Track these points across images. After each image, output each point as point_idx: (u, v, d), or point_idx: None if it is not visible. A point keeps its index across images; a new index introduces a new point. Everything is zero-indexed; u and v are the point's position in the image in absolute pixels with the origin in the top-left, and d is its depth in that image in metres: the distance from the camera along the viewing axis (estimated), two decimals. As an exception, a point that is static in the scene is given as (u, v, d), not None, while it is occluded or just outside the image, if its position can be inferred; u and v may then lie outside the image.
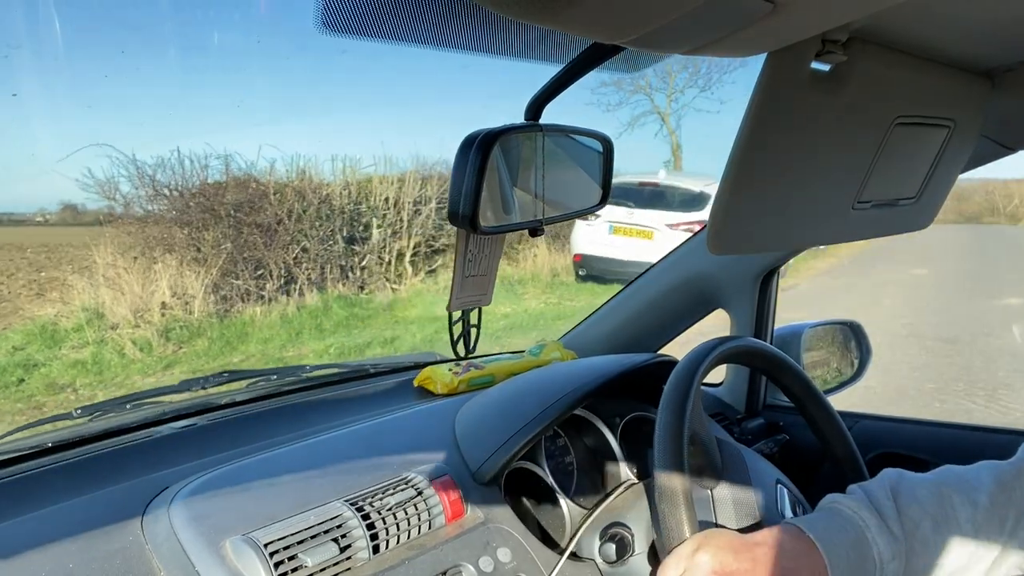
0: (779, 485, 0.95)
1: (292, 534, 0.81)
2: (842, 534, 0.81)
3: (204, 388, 1.25)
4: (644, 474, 1.17)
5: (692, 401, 0.88)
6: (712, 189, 8.22)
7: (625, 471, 1.14)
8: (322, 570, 0.80)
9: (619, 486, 1.11)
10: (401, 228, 8.76)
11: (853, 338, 1.65)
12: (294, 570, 0.78)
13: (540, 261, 9.68)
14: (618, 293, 1.66)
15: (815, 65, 0.63)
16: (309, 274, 7.74)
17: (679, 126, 18.69)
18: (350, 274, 8.21)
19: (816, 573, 0.79)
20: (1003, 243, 15.13)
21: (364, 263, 8.31)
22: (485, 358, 1.50)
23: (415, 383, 1.40)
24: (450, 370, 1.39)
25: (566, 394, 1.07)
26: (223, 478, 0.92)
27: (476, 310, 0.92)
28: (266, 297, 7.33)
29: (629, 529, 0.95)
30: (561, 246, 9.88)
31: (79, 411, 1.13)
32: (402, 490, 0.92)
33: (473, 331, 0.92)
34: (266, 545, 0.79)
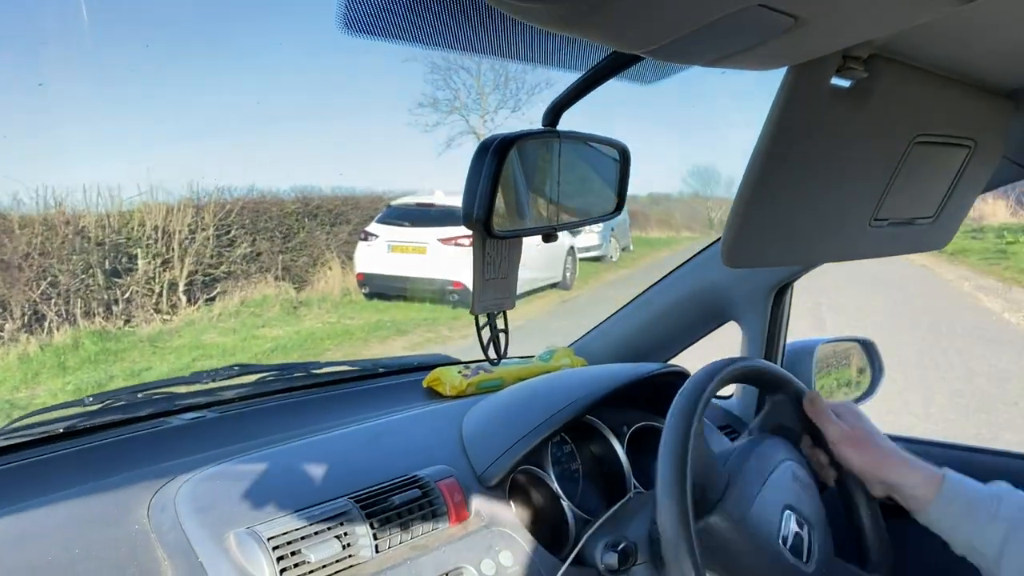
0: (786, 511, 0.94)
1: (296, 529, 0.81)
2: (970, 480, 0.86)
3: (215, 381, 1.25)
4: (649, 484, 1.17)
5: (696, 424, 0.88)
6: None
7: (631, 480, 1.14)
8: (324, 567, 0.81)
9: (624, 495, 1.11)
10: (172, 257, 8.50)
11: (866, 355, 1.63)
12: (296, 565, 0.79)
13: (332, 281, 9.75)
14: (631, 301, 1.66)
15: (835, 81, 0.63)
16: (59, 310, 7.32)
17: None
18: (113, 307, 7.86)
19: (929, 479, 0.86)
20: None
21: (128, 295, 8.02)
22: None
23: (424, 384, 1.41)
24: (459, 372, 1.39)
25: (574, 401, 1.07)
26: (230, 471, 0.92)
27: (502, 314, 0.92)
28: (3, 338, 6.83)
29: (633, 539, 0.95)
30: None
31: (91, 399, 1.14)
32: (407, 490, 0.92)
33: (502, 336, 0.92)
34: (269, 539, 0.79)
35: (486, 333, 0.90)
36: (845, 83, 0.65)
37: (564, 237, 10.47)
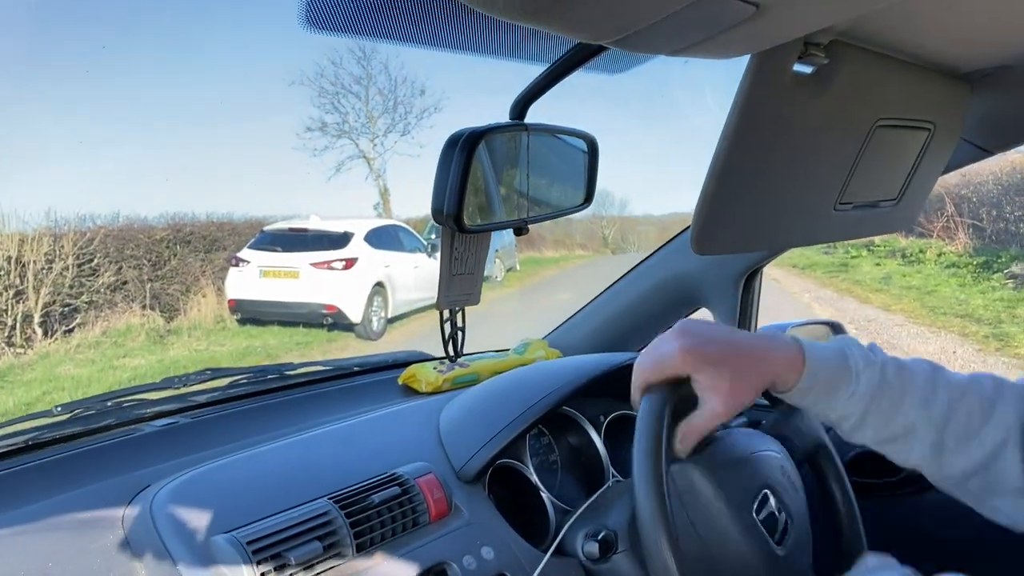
0: (765, 489, 0.93)
1: (275, 532, 0.81)
2: (826, 348, 0.81)
3: (186, 386, 1.24)
4: (628, 472, 1.18)
5: (670, 409, 0.88)
6: (356, 227, 9.09)
7: (609, 469, 1.15)
8: (306, 568, 0.80)
9: (603, 484, 1.11)
10: (27, 288, 8.18)
11: (834, 337, 1.66)
12: (277, 568, 0.78)
13: (206, 309, 9.58)
14: (603, 292, 1.67)
15: (798, 67, 0.64)
16: None
17: (385, 170, 19.14)
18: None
19: (791, 362, 0.78)
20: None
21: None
22: (469, 356, 1.50)
23: (399, 381, 1.40)
24: (435, 368, 1.39)
25: (550, 393, 1.08)
26: (206, 476, 0.91)
27: (461, 312, 0.93)
28: None
29: (612, 527, 0.96)
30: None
31: (59, 408, 1.12)
32: (386, 488, 0.92)
33: (460, 334, 0.92)
34: (249, 543, 0.78)
35: (448, 329, 0.91)
36: (807, 69, 0.66)
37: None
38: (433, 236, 11.00)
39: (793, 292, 10.58)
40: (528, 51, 0.80)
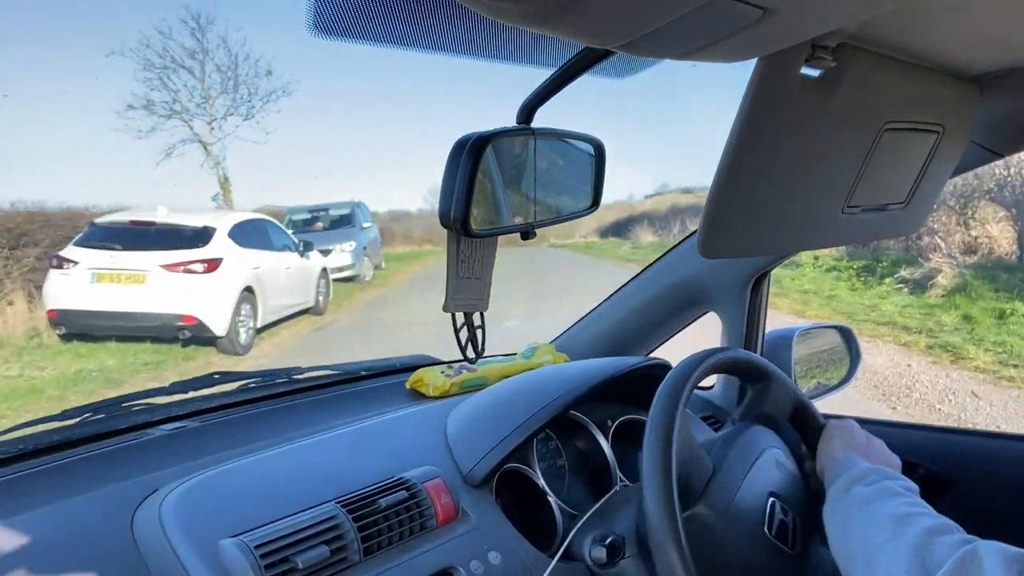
0: (771, 498, 0.95)
1: (283, 536, 0.81)
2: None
3: (195, 390, 1.24)
4: (635, 477, 1.17)
5: (679, 417, 0.88)
6: (219, 222, 7.53)
7: (616, 474, 1.15)
8: (313, 572, 0.80)
9: (610, 489, 1.11)
10: None
11: (843, 342, 1.65)
12: (285, 572, 0.78)
13: (13, 321, 7.52)
14: (610, 296, 1.67)
15: (805, 70, 0.64)
16: None
17: (225, 157, 16.39)
18: None
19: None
20: (522, 261, 13.96)
21: None
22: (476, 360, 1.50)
23: (407, 385, 1.40)
24: (442, 372, 1.39)
25: (557, 397, 1.07)
26: (214, 480, 0.92)
27: (479, 315, 0.92)
28: None
29: (620, 532, 0.95)
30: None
31: (69, 413, 1.12)
32: (394, 492, 0.92)
33: (479, 332, 0.92)
34: (257, 547, 0.78)
35: (464, 333, 0.91)
36: (814, 73, 0.66)
37: (316, 258, 9.19)
38: (291, 231, 9.96)
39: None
40: (535, 55, 0.80)
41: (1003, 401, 5.22)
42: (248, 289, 7.42)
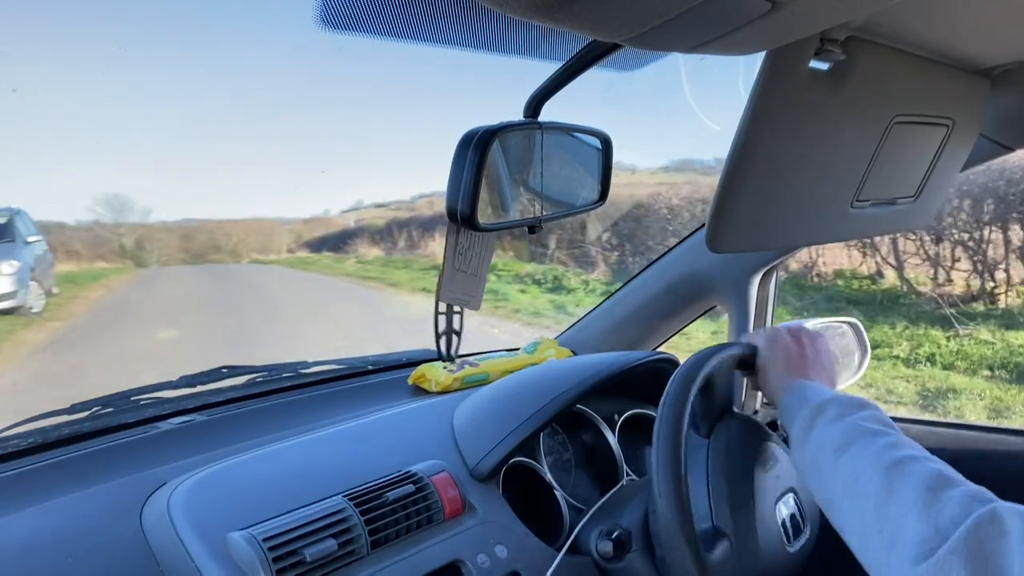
0: (788, 494, 0.96)
1: (291, 529, 0.81)
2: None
3: (203, 384, 1.25)
4: (641, 471, 1.18)
5: (689, 411, 0.88)
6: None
7: (623, 468, 1.15)
8: (321, 565, 0.81)
9: (617, 483, 1.11)
10: None
11: (852, 336, 1.65)
12: (293, 565, 0.79)
13: None
14: (616, 291, 1.66)
15: (814, 64, 0.64)
16: None
17: None
18: None
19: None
20: (233, 281, 12.58)
21: None
22: (479, 356, 1.50)
23: (409, 381, 1.40)
24: (445, 367, 1.39)
25: (564, 391, 1.07)
26: (222, 473, 0.92)
27: (459, 317, 0.93)
28: None
29: (627, 526, 0.96)
30: None
31: (77, 407, 1.13)
32: (401, 486, 0.92)
33: (456, 336, 0.93)
34: (265, 540, 0.79)
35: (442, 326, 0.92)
36: (823, 66, 0.65)
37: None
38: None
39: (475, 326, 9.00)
40: (542, 49, 0.80)
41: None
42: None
